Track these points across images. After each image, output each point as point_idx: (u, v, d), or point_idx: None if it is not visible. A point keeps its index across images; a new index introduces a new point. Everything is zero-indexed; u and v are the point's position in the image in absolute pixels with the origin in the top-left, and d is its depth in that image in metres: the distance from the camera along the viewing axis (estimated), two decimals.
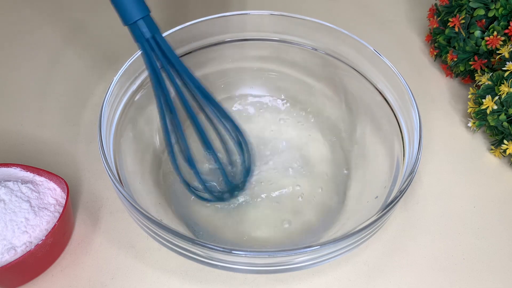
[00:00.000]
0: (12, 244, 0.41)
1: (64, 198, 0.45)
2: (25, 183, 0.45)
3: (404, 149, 0.47)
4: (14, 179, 0.45)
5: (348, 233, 0.40)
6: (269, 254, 0.39)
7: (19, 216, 0.42)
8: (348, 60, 0.53)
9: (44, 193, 0.45)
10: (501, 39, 0.54)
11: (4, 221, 0.42)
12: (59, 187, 0.46)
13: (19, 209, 0.42)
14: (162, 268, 0.46)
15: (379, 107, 0.51)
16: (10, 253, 0.41)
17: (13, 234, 0.41)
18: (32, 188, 0.44)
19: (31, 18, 0.68)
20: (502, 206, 0.52)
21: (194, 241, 0.38)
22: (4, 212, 0.42)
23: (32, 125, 0.56)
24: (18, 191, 0.44)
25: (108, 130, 0.46)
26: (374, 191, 0.49)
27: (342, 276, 0.46)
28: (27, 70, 0.62)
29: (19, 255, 0.41)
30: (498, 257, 0.48)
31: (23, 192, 0.44)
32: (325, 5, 0.72)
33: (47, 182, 0.46)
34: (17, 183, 0.44)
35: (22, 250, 0.41)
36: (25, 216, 0.42)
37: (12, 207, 0.42)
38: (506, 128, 0.52)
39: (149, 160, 0.51)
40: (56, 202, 0.45)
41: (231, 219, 0.49)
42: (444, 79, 0.63)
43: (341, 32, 0.52)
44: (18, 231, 0.42)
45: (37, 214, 0.43)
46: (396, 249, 0.48)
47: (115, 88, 0.47)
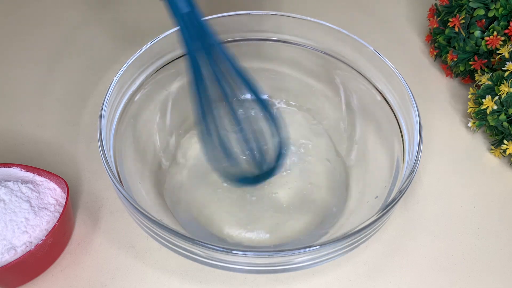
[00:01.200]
0: (12, 244, 0.41)
1: (64, 198, 0.45)
2: (25, 183, 0.45)
3: (404, 149, 0.47)
4: (14, 179, 0.45)
5: (348, 233, 0.40)
6: (269, 254, 0.39)
7: (19, 216, 0.42)
8: (348, 60, 0.53)
9: (44, 193, 0.45)
10: (501, 39, 0.54)
11: (4, 221, 0.42)
12: (59, 187, 0.46)
13: (19, 209, 0.42)
14: (162, 268, 0.46)
15: (379, 107, 0.51)
16: (10, 253, 0.41)
17: (13, 234, 0.42)
18: (32, 188, 0.44)
19: (31, 18, 0.68)
20: (502, 206, 0.52)
21: (194, 241, 0.38)
22: (4, 212, 0.42)
23: (32, 125, 0.56)
24: (18, 191, 0.44)
25: (108, 130, 0.46)
26: (374, 191, 0.49)
27: (342, 276, 0.46)
28: (27, 70, 0.62)
29: (19, 255, 0.41)
30: (498, 257, 0.48)
31: (23, 192, 0.44)
32: (325, 5, 0.72)
33: (47, 182, 0.46)
34: (17, 183, 0.44)
35: (22, 250, 0.41)
36: (25, 216, 0.42)
37: (12, 207, 0.42)
38: (506, 128, 0.52)
39: (149, 160, 0.51)
40: (56, 202, 0.45)
41: (231, 217, 0.49)
42: (444, 79, 0.63)
43: (341, 32, 0.52)
44: (18, 231, 0.42)
45: (37, 214, 0.43)
46: (396, 249, 0.48)
47: (115, 88, 0.47)
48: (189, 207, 0.49)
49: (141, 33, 0.64)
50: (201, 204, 0.49)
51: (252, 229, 0.48)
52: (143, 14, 0.69)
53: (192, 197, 0.50)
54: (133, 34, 0.65)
